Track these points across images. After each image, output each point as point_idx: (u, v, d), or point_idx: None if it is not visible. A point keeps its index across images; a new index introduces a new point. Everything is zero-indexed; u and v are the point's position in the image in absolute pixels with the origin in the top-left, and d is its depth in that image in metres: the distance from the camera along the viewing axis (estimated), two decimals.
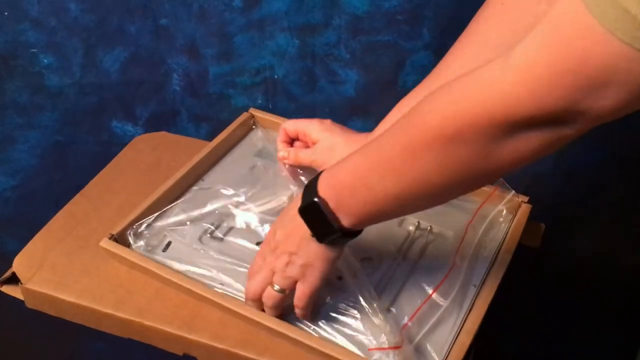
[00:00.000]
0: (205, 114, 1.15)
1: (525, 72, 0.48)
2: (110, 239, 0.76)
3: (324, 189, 0.63)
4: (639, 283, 1.22)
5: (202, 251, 0.77)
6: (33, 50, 1.07)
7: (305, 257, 0.66)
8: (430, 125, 0.55)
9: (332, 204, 0.62)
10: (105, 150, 1.01)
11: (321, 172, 0.65)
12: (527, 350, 1.40)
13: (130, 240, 0.76)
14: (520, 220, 0.82)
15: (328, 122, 0.84)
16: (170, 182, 0.83)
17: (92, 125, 1.16)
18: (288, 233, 0.67)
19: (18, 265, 0.76)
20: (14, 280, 0.75)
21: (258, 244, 0.77)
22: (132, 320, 0.71)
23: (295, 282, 0.67)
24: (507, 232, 0.80)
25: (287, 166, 0.86)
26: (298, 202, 0.65)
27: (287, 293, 0.68)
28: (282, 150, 0.86)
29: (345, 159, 0.64)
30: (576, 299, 1.29)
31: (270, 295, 0.68)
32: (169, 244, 0.78)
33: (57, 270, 0.76)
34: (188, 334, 0.70)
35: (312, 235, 0.64)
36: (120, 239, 0.77)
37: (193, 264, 0.75)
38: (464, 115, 0.52)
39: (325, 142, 0.82)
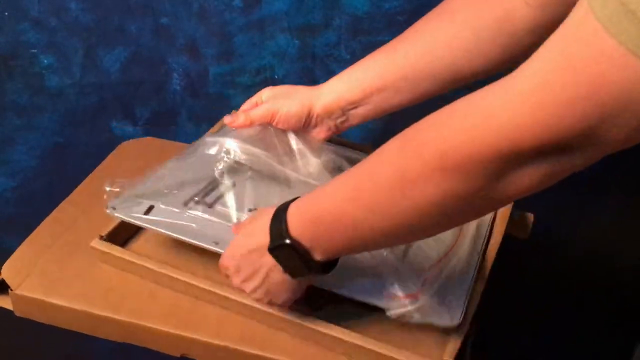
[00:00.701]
0: (205, 114, 1.14)
1: (533, 99, 0.43)
2: (101, 239, 0.74)
3: (297, 228, 0.58)
4: (638, 283, 1.22)
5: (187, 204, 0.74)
6: (33, 50, 1.07)
7: (273, 285, 0.64)
8: (428, 158, 0.49)
9: (306, 243, 0.58)
10: (105, 151, 1.01)
11: (286, 205, 0.60)
12: (525, 351, 1.40)
13: (109, 208, 0.73)
14: (504, 211, 0.79)
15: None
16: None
17: (92, 126, 1.16)
18: (252, 262, 0.63)
19: (6, 272, 0.74)
20: (2, 288, 0.73)
21: (250, 210, 0.73)
22: (127, 323, 0.70)
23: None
24: (492, 223, 0.78)
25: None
26: (261, 234, 0.61)
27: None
28: (227, 115, 0.77)
29: (318, 194, 0.58)
30: (575, 299, 1.29)
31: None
32: (150, 207, 0.74)
33: (47, 276, 0.74)
34: (186, 332, 0.68)
35: (285, 272, 0.62)
36: (111, 239, 0.75)
37: (178, 219, 0.72)
38: (466, 148, 0.46)
39: (279, 91, 0.77)
